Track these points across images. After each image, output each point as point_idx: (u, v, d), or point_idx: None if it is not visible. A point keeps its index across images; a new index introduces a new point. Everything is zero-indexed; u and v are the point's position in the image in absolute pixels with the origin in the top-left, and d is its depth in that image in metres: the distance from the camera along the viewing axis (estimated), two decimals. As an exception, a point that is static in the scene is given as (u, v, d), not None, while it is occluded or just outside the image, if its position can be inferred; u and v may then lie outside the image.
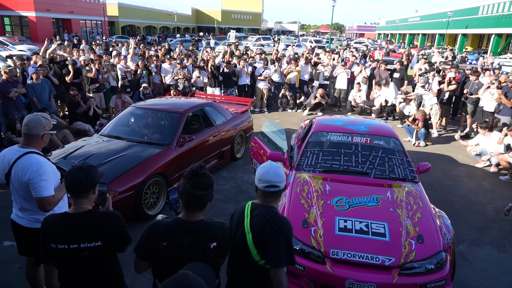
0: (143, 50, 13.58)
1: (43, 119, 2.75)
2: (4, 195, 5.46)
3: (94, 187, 2.19)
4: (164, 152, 5.22)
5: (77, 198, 2.15)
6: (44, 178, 2.62)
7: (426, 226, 3.47)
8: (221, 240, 2.06)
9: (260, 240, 2.08)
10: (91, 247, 2.12)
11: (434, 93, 9.53)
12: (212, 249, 2.03)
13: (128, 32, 53.28)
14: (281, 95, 11.76)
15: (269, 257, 2.06)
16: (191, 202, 2.01)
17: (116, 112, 8.98)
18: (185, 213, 2.05)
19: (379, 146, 4.62)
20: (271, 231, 2.06)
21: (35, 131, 2.72)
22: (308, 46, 27.53)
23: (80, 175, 2.10)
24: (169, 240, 2.01)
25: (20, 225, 2.86)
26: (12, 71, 7.11)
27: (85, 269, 2.17)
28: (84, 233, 2.11)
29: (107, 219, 2.18)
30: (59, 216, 2.19)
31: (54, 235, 2.11)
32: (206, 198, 2.02)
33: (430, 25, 52.70)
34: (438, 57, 19.99)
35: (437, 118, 9.56)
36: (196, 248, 2.01)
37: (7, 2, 32.63)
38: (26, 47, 21.35)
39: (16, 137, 6.78)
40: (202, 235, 2.02)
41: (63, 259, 2.15)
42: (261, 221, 2.10)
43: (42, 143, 2.80)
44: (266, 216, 2.11)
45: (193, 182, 1.96)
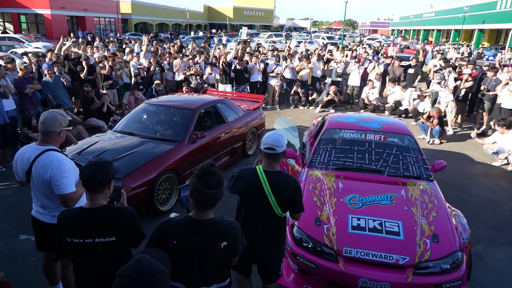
0: (156, 47, 13.66)
1: (60, 116, 2.77)
2: (20, 190, 5.58)
3: (109, 183, 2.21)
4: (177, 149, 5.24)
5: (93, 193, 2.17)
6: (65, 175, 2.65)
7: (441, 225, 3.41)
8: (232, 240, 2.05)
9: (282, 200, 2.67)
10: (106, 242, 2.14)
11: (450, 90, 9.35)
12: (223, 248, 2.03)
13: (141, 29, 53.68)
14: (293, 92, 11.69)
15: (296, 208, 2.76)
16: (201, 201, 2.01)
17: (129, 108, 9.06)
18: (196, 212, 2.05)
19: (393, 143, 4.55)
20: (290, 191, 2.66)
21: (52, 128, 2.73)
22: (320, 42, 27.31)
23: (96, 171, 2.12)
24: (179, 238, 2.01)
25: (41, 221, 2.89)
26: (27, 67, 7.22)
27: (100, 263, 2.20)
28: (99, 228, 2.13)
29: (121, 215, 2.20)
30: (75, 211, 2.22)
31: (69, 229, 2.14)
32: (217, 196, 2.02)
33: (445, 20, 51.70)
34: (454, 53, 19.58)
35: (452, 115, 9.37)
36: (206, 247, 2.01)
37: (24, 1, 33.19)
38: (42, 44, 21.69)
39: (32, 132, 6.89)
40: (212, 234, 2.02)
41: (78, 253, 2.18)
42: (283, 186, 2.66)
43: (59, 139, 2.83)
44: (285, 180, 2.68)
45: (204, 181, 1.96)
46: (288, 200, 2.68)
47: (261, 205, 2.68)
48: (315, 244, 3.26)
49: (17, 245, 4.24)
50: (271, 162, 2.72)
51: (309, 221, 3.45)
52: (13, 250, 4.15)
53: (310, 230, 3.36)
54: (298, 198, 2.72)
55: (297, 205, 2.73)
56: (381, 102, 11.10)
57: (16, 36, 24.90)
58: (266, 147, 2.67)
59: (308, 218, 3.47)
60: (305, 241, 3.30)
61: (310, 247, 3.26)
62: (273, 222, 2.74)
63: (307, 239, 3.30)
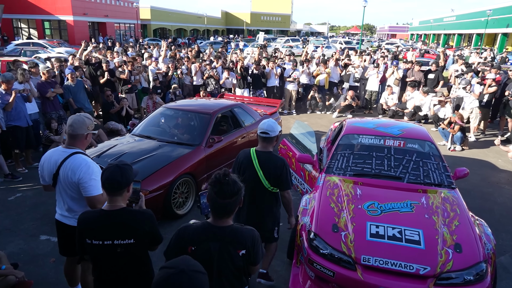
0: (174, 52, 13.84)
1: (87, 120, 2.81)
2: (41, 192, 5.70)
3: (128, 185, 2.22)
4: (194, 153, 5.27)
5: (112, 196, 2.19)
6: (93, 177, 2.68)
7: (464, 234, 3.29)
8: (250, 248, 2.02)
9: (273, 174, 3.21)
10: (124, 244, 2.15)
11: (476, 95, 9.06)
12: (241, 256, 1.99)
13: (160, 34, 54.59)
14: (310, 96, 11.63)
15: (282, 184, 3.25)
16: (215, 209, 1.99)
17: (147, 112, 9.19)
18: (213, 218, 2.03)
19: (413, 149, 4.45)
20: (277, 168, 3.20)
21: (79, 131, 2.77)
22: (338, 47, 27.15)
23: (116, 173, 2.14)
24: (198, 244, 1.99)
25: (66, 224, 2.90)
26: (50, 72, 7.42)
27: (118, 265, 2.21)
28: (118, 230, 2.15)
29: (140, 217, 2.21)
30: (94, 213, 2.24)
31: (89, 230, 2.16)
32: (231, 206, 1.98)
33: (467, 24, 50.63)
34: (476, 57, 19.11)
35: (476, 122, 9.11)
36: (225, 254, 1.98)
37: (48, 7, 34.27)
38: (64, 50, 22.26)
39: (53, 135, 7.06)
40: (231, 242, 1.99)
41: (97, 254, 2.20)
42: (270, 163, 3.21)
43: (85, 142, 2.87)
44: (269, 158, 3.25)
45: (217, 190, 1.94)
46: (275, 175, 3.21)
47: (252, 179, 3.21)
48: (332, 251, 3.20)
49: (37, 245, 4.33)
50: (265, 145, 3.30)
51: (326, 227, 3.39)
52: (33, 250, 4.24)
53: (328, 237, 3.30)
54: (284, 174, 3.22)
55: (284, 180, 3.24)
56: (400, 107, 10.91)
57: (40, 41, 25.69)
58: (262, 131, 3.25)
59: (325, 225, 3.42)
60: (322, 248, 3.24)
61: (327, 254, 3.20)
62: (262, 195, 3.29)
63: (324, 246, 3.24)
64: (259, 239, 2.09)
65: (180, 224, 2.13)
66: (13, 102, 5.99)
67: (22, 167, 6.46)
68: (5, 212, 5.07)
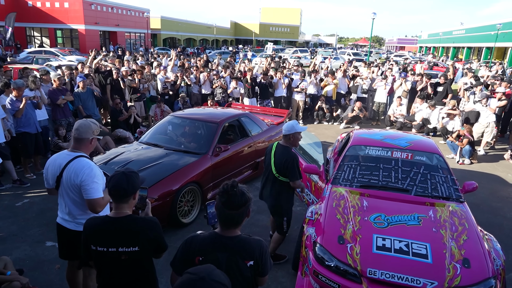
0: (182, 62, 14.00)
1: (93, 124, 2.88)
2: (48, 198, 5.75)
3: (134, 193, 2.23)
4: (200, 161, 5.28)
5: (118, 203, 2.20)
6: (95, 180, 2.73)
7: (472, 249, 3.23)
8: (258, 259, 2.00)
9: (280, 164, 3.87)
10: (129, 251, 2.15)
11: (492, 109, 8.94)
12: (249, 267, 1.97)
13: (169, 44, 55.30)
14: (317, 107, 11.64)
15: (289, 175, 3.85)
16: (223, 219, 1.98)
17: (155, 120, 9.26)
18: (221, 229, 2.02)
19: (421, 162, 4.40)
20: (287, 161, 3.82)
21: (84, 135, 2.83)
22: (346, 59, 27.21)
23: (122, 181, 2.15)
24: (206, 255, 1.97)
25: (66, 228, 2.94)
26: (61, 79, 7.54)
27: (122, 272, 2.21)
28: (123, 237, 2.15)
29: (145, 225, 2.21)
30: (100, 219, 2.25)
31: (94, 237, 2.17)
32: (239, 216, 1.97)
33: (476, 38, 50.44)
34: (485, 71, 19.00)
35: (490, 136, 8.99)
36: (233, 264, 1.96)
37: (60, 16, 35.02)
38: (75, 58, 22.63)
39: (62, 142, 7.14)
40: (238, 252, 1.97)
41: (102, 261, 2.20)
42: (281, 155, 3.89)
43: (90, 147, 2.92)
44: (283, 152, 3.89)
45: (224, 201, 1.93)
46: (283, 166, 3.83)
47: (267, 164, 4.07)
48: (338, 263, 3.16)
49: (43, 252, 4.34)
50: (286, 141, 3.97)
51: (332, 239, 3.36)
52: (39, 256, 4.25)
53: (333, 249, 3.27)
54: (290, 167, 3.80)
55: (290, 172, 3.82)
56: (408, 119, 10.85)
57: (52, 49, 26.18)
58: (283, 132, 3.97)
59: (331, 236, 3.38)
60: (328, 260, 3.20)
61: (333, 266, 3.16)
62: (273, 180, 3.98)
63: (330, 258, 3.21)
64: (267, 250, 2.06)
65: (185, 232, 2.13)
66: (23, 108, 6.08)
67: (30, 173, 6.53)
68: (12, 218, 5.11)
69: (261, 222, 5.14)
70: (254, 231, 4.83)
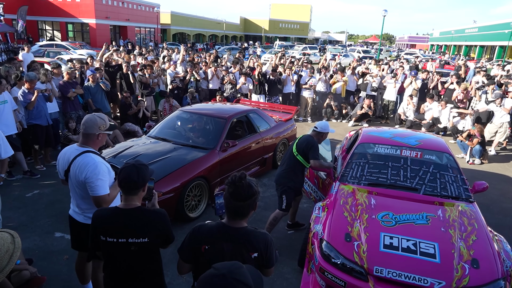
0: (192, 57, 14.01)
1: (99, 120, 2.82)
2: (58, 190, 5.82)
3: (144, 185, 2.25)
4: (208, 156, 5.29)
5: (128, 195, 2.22)
6: (100, 177, 2.71)
7: (482, 250, 3.20)
8: (263, 251, 2.01)
9: (302, 144, 4.47)
10: (138, 242, 2.17)
11: (507, 110, 8.79)
12: (253, 259, 1.98)
13: (179, 39, 55.36)
14: (325, 104, 11.57)
15: (310, 154, 4.36)
16: (230, 210, 2.00)
17: (163, 115, 9.29)
18: (227, 219, 2.04)
19: (431, 161, 4.36)
20: (310, 142, 4.43)
21: (90, 130, 2.80)
22: (355, 56, 26.98)
23: (132, 173, 2.17)
24: (211, 244, 2.00)
25: (76, 220, 2.98)
26: (72, 72, 7.60)
27: (131, 262, 2.24)
28: (133, 228, 2.17)
29: (154, 217, 2.23)
30: (109, 210, 2.28)
31: (104, 228, 2.19)
32: (245, 208, 1.99)
33: (489, 36, 49.61)
34: (498, 70, 18.69)
35: (504, 137, 8.85)
36: (237, 255, 1.98)
37: (72, 10, 35.27)
38: (86, 52, 22.77)
39: (72, 134, 7.21)
40: (243, 243, 1.99)
41: (111, 251, 2.23)
42: (305, 139, 4.50)
43: (98, 142, 2.89)
44: (308, 138, 4.51)
45: (232, 191, 1.95)
46: (304, 145, 4.42)
47: (290, 147, 4.66)
48: (344, 261, 3.15)
49: (52, 242, 4.40)
50: (313, 133, 4.63)
51: (339, 236, 3.34)
52: (48, 246, 4.31)
53: (340, 246, 3.26)
54: (312, 147, 4.38)
55: (310, 151, 4.37)
56: (417, 118, 10.74)
57: (63, 43, 26.39)
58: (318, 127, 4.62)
59: (338, 234, 3.37)
60: (334, 257, 3.19)
61: (339, 263, 3.15)
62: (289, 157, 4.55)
63: (336, 255, 3.20)
64: (272, 243, 2.07)
65: (191, 226, 2.13)
66: (35, 101, 6.15)
67: (40, 165, 6.61)
68: (23, 209, 5.18)
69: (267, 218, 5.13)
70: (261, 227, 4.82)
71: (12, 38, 27.13)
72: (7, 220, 4.67)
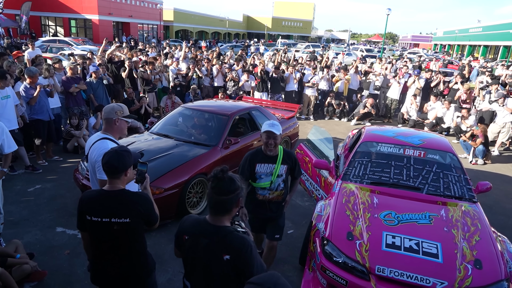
0: (195, 54, 13.99)
1: (116, 106, 3.02)
2: (60, 185, 5.82)
3: (125, 170, 2.34)
4: (210, 153, 5.28)
5: (111, 178, 2.34)
6: None
7: (485, 250, 3.17)
8: (236, 255, 1.90)
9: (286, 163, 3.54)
10: (120, 222, 2.29)
11: (509, 109, 8.74)
12: (225, 261, 1.90)
13: (182, 36, 55.30)
14: (327, 103, 11.54)
15: (296, 173, 3.64)
16: (212, 205, 1.98)
17: (166, 111, 9.28)
18: (210, 215, 2.02)
19: (434, 160, 4.33)
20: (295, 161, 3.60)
21: (109, 115, 2.96)
22: (358, 55, 26.89)
23: (113, 158, 2.29)
24: (191, 235, 2.03)
25: None
26: (75, 67, 7.59)
27: (114, 242, 2.35)
28: (115, 209, 2.29)
29: (136, 199, 2.35)
30: (96, 192, 2.41)
31: (90, 208, 2.31)
32: (228, 203, 1.95)
33: (494, 36, 49.37)
34: (502, 70, 18.59)
35: (506, 137, 8.81)
36: (210, 253, 1.94)
37: (75, 6, 35.24)
38: (88, 48, 22.81)
39: (74, 130, 7.21)
40: (218, 242, 1.93)
41: (96, 230, 2.34)
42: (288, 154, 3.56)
43: (116, 128, 3.01)
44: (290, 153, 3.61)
45: (214, 186, 1.93)
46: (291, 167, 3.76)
47: None
48: (346, 260, 3.13)
49: (53, 237, 4.40)
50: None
51: (341, 235, 3.33)
52: (49, 241, 4.31)
53: (342, 245, 3.24)
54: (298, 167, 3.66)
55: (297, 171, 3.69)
56: (420, 117, 10.69)
57: (66, 39, 26.40)
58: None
59: (340, 232, 3.35)
60: (336, 256, 3.18)
61: (341, 262, 3.13)
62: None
63: (338, 254, 3.18)
64: (251, 250, 1.92)
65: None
66: (37, 96, 6.14)
67: (42, 160, 6.61)
68: (24, 203, 5.18)
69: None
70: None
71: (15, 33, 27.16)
72: (9, 214, 4.68)
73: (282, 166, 3.46)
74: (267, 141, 3.34)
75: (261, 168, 3.44)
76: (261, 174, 3.44)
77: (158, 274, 3.15)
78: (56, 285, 3.60)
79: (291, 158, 3.55)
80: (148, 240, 2.65)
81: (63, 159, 6.85)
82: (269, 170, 3.43)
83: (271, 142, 3.33)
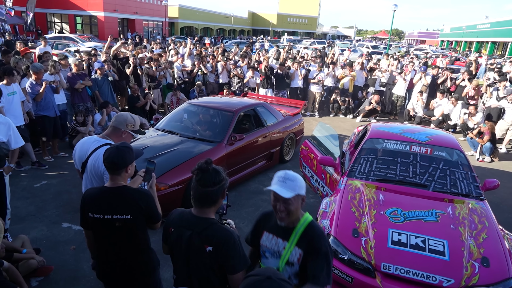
0: (199, 50, 13.97)
1: (129, 118, 2.94)
2: (65, 181, 5.85)
3: (126, 167, 2.33)
4: (215, 149, 5.27)
5: (112, 174, 2.33)
6: None
7: (492, 248, 3.14)
8: (219, 247, 1.89)
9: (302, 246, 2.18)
10: (122, 219, 2.28)
11: None
12: (208, 253, 1.90)
13: (187, 33, 55.28)
14: (332, 99, 11.49)
15: (311, 269, 2.19)
16: (197, 198, 1.97)
17: (171, 108, 9.29)
18: (194, 207, 2.02)
19: (441, 157, 4.29)
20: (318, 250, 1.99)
21: (118, 125, 2.90)
22: (364, 51, 26.70)
23: (113, 155, 2.28)
24: (176, 227, 2.02)
25: None
26: (80, 64, 7.61)
27: (116, 238, 2.34)
28: (117, 205, 2.28)
29: (137, 196, 2.33)
30: (98, 189, 2.39)
31: (92, 205, 2.30)
32: (213, 195, 1.93)
33: (502, 32, 48.77)
34: (510, 67, 18.37)
35: None
36: (192, 244, 1.94)
37: (80, 3, 35.34)
38: (93, 44, 22.86)
39: (80, 126, 7.23)
40: (200, 233, 1.93)
41: (98, 227, 2.34)
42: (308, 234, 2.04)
43: (120, 139, 2.90)
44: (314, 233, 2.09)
45: (199, 178, 1.93)
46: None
47: None
48: (351, 257, 3.12)
49: (59, 232, 4.43)
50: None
51: (346, 231, 3.31)
52: (55, 236, 4.34)
53: (347, 242, 3.22)
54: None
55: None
56: (426, 114, 10.60)
57: (71, 36, 26.49)
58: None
59: (345, 229, 3.34)
60: (341, 253, 3.16)
61: (346, 259, 3.12)
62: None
63: (344, 251, 3.17)
64: (235, 243, 1.89)
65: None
66: (43, 92, 6.17)
67: (48, 156, 6.65)
68: (31, 199, 5.22)
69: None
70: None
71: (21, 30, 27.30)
72: (16, 210, 4.71)
73: (296, 250, 2.00)
74: (274, 205, 2.00)
75: (267, 241, 2.13)
76: (265, 249, 2.13)
77: (163, 269, 3.15)
78: (62, 280, 3.62)
79: (312, 241, 1.98)
80: (152, 237, 2.65)
81: (69, 155, 6.89)
82: (277, 249, 2.07)
83: (280, 207, 1.96)
